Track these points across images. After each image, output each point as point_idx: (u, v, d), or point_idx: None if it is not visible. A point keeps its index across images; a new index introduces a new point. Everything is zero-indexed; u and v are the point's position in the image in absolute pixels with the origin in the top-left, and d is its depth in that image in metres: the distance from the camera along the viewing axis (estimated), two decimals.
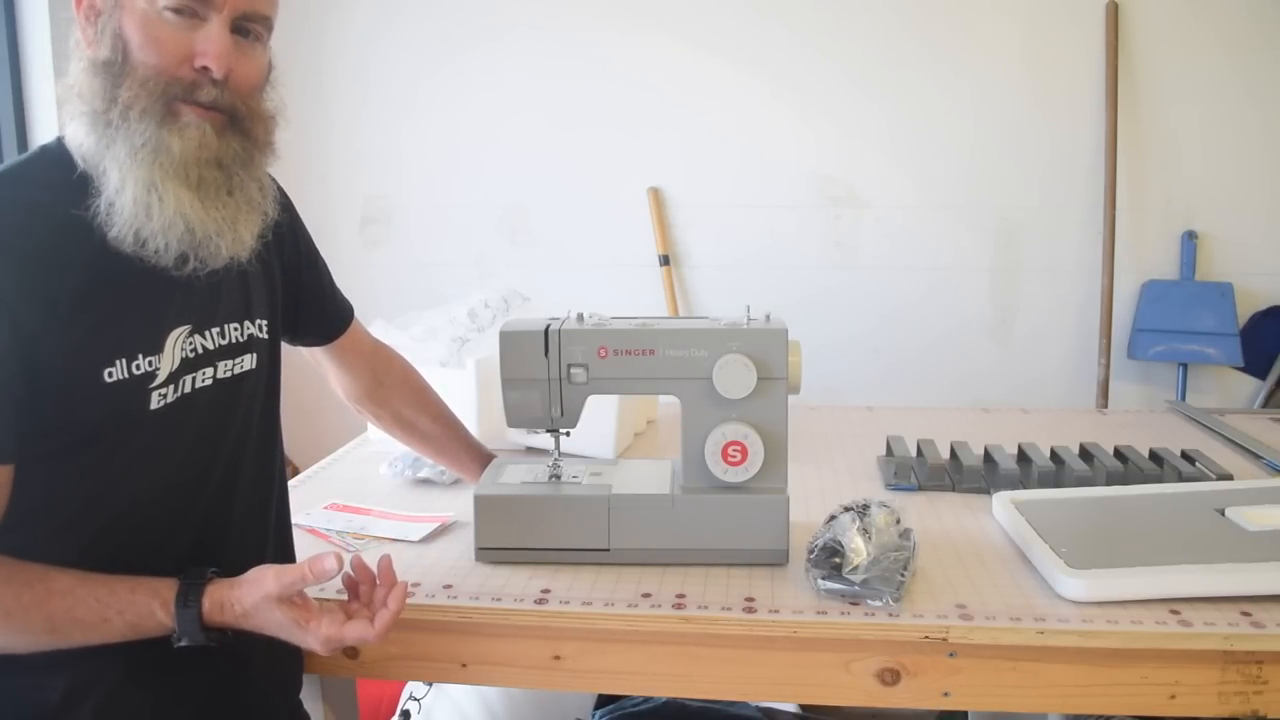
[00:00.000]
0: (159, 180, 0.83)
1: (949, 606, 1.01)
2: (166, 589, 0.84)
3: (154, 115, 0.83)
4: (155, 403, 0.88)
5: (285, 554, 1.09)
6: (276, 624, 0.86)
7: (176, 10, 0.82)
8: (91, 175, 0.84)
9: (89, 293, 0.83)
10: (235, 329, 0.97)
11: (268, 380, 1.04)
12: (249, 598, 0.85)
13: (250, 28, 0.88)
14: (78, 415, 0.83)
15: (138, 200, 0.83)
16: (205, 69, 0.84)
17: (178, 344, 0.90)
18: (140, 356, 0.86)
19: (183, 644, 0.84)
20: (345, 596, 0.94)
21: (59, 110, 2.34)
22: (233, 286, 0.97)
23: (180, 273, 0.87)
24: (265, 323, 1.02)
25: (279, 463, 1.08)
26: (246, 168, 0.90)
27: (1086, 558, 1.05)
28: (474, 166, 2.87)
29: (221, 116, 0.87)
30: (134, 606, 0.83)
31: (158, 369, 0.88)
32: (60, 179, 0.85)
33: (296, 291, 1.11)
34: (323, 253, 1.18)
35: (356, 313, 1.24)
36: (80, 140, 0.85)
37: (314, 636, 0.86)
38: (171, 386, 0.89)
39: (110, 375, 0.84)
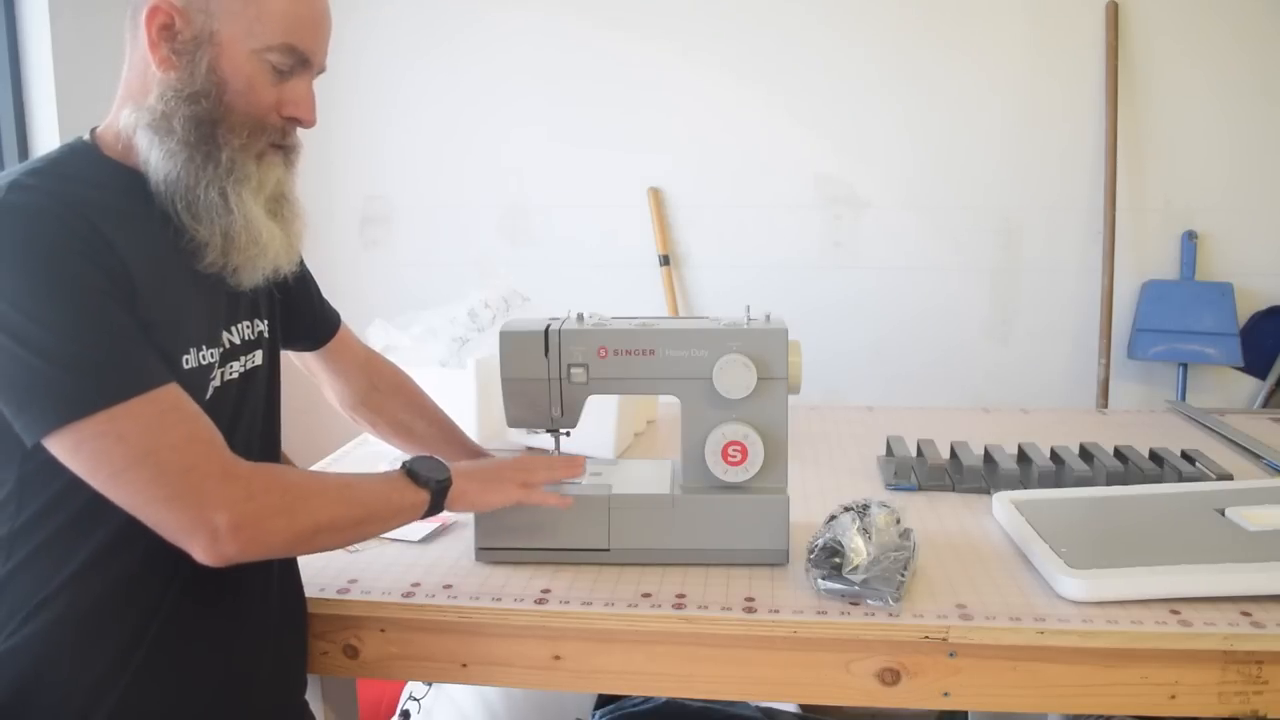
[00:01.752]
0: (253, 217, 0.90)
1: (949, 606, 1.01)
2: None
3: (252, 156, 0.91)
4: (209, 393, 0.91)
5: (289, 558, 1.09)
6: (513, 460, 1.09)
7: (281, 70, 0.90)
8: (162, 191, 0.87)
9: (160, 285, 0.85)
10: (248, 326, 1.00)
11: (270, 379, 1.05)
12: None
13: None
14: None
15: (237, 236, 0.89)
16: (294, 119, 0.93)
17: (221, 337, 0.94)
18: (205, 348, 0.90)
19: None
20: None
21: (59, 111, 2.32)
22: None
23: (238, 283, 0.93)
24: (267, 323, 1.05)
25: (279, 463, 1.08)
26: (294, 189, 0.98)
27: (1086, 558, 1.05)
28: (474, 167, 2.87)
29: (288, 152, 0.96)
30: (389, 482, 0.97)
31: (215, 360, 0.92)
32: (103, 178, 0.88)
33: (285, 295, 1.12)
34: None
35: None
36: (158, 163, 0.87)
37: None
38: (216, 378, 0.93)
39: (187, 362, 0.88)
